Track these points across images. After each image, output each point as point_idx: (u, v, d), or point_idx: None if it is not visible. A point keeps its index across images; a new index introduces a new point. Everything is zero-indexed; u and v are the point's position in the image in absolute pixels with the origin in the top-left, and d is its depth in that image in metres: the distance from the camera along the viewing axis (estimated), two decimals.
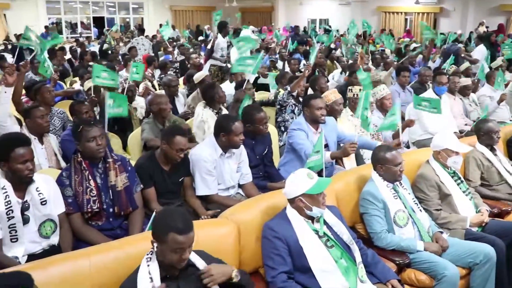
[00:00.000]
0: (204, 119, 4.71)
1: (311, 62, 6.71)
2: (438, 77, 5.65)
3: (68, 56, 10.95)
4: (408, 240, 3.13)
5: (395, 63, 8.32)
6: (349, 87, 5.06)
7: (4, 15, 18.26)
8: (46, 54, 6.59)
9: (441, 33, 10.55)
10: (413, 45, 11.72)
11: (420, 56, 10.00)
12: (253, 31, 14.37)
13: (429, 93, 5.65)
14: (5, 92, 3.85)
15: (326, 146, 4.10)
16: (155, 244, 2.19)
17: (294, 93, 5.34)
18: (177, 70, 8.64)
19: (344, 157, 3.86)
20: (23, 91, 5.19)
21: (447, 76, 5.97)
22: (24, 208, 2.80)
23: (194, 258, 2.30)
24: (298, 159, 4.11)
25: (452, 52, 9.01)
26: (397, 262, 3.04)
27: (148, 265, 2.22)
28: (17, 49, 6.85)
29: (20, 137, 3.01)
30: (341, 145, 4.37)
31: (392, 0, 21.45)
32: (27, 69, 4.93)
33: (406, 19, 21.65)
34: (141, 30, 12.48)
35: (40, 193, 2.86)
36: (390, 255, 3.09)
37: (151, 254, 2.25)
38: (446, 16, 20.39)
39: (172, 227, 2.15)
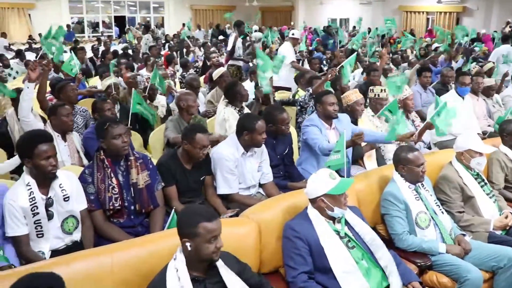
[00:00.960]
0: (226, 117, 4.71)
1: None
2: (460, 78, 5.56)
3: (90, 54, 11.09)
4: (430, 242, 3.10)
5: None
6: (371, 87, 5.01)
7: (29, 15, 18.59)
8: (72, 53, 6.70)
9: (465, 34, 10.34)
10: (435, 44, 11.52)
11: (443, 56, 9.86)
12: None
13: (451, 94, 5.56)
14: (28, 87, 3.93)
15: None
16: (188, 244, 2.19)
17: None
18: (198, 70, 8.69)
19: (351, 146, 3.83)
20: (48, 89, 5.26)
21: (470, 76, 5.86)
22: (48, 204, 2.85)
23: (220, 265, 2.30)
24: (314, 156, 4.14)
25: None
26: (419, 264, 3.02)
27: (176, 267, 2.22)
28: (41, 49, 6.95)
29: (43, 133, 3.06)
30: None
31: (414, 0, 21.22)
32: (49, 67, 5.00)
33: (428, 19, 21.38)
34: (146, 27, 12.65)
35: (63, 190, 2.90)
36: (411, 257, 3.06)
37: (179, 254, 2.25)
38: (469, 15, 20.04)
39: (200, 217, 2.18)
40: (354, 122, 4.46)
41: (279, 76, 7.33)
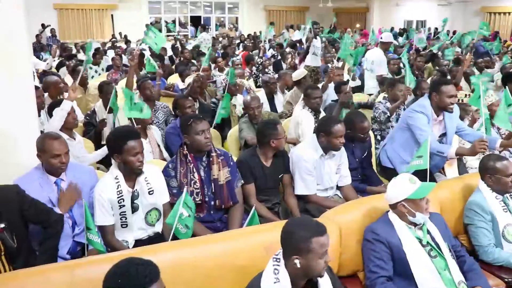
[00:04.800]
0: (299, 121, 4.71)
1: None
2: None
3: (169, 53, 11.47)
4: None
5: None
6: None
7: (111, 15, 19.56)
8: (148, 54, 6.99)
9: None
10: None
11: None
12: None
13: None
14: (64, 107, 3.88)
15: (444, 134, 3.95)
16: (298, 261, 2.07)
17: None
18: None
19: (472, 155, 3.64)
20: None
21: None
22: (134, 197, 2.99)
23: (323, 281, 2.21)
24: (414, 141, 3.92)
25: None
26: (506, 280, 2.88)
27: (277, 278, 2.10)
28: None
29: (132, 130, 3.21)
30: (461, 142, 4.21)
31: (498, 0, 20.08)
32: (135, 62, 5.23)
33: None
34: (203, 27, 13.00)
35: (148, 183, 3.03)
36: (497, 271, 2.93)
37: (278, 266, 2.13)
38: None
39: (312, 231, 2.10)
40: None
41: (367, 85, 7.27)
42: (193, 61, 8.66)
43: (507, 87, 3.92)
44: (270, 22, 15.92)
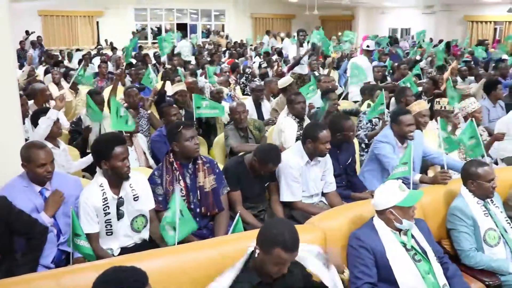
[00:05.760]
0: (282, 128, 4.74)
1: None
2: None
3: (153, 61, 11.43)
4: (499, 260, 3.00)
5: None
6: (437, 99, 4.91)
7: (97, 22, 19.49)
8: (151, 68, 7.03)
9: None
10: (505, 56, 11.01)
11: None
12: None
13: None
14: (50, 116, 3.90)
15: None
16: (257, 251, 2.20)
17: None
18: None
19: (433, 184, 3.68)
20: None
21: None
22: (119, 203, 2.99)
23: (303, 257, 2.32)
24: (381, 171, 4.08)
25: None
26: (487, 283, 2.93)
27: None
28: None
29: (118, 135, 3.23)
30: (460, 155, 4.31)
31: (481, 9, 20.33)
32: (122, 76, 5.29)
33: (495, 29, 20.51)
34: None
35: (133, 189, 3.04)
36: (479, 275, 2.98)
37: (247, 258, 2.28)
38: None
39: (280, 242, 2.14)
40: None
41: (352, 92, 7.32)
42: (178, 68, 8.64)
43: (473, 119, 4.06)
44: (266, 31, 15.97)
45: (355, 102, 6.95)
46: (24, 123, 4.34)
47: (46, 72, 8.89)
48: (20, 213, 2.70)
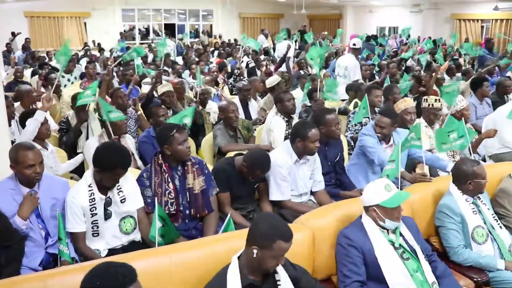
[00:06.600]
0: (271, 127, 4.74)
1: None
2: None
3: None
4: (487, 257, 3.02)
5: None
6: (424, 97, 4.93)
7: (85, 23, 19.34)
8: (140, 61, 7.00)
9: None
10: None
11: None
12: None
13: (510, 106, 5.38)
14: (38, 117, 3.86)
15: None
16: (255, 251, 2.20)
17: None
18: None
19: (411, 183, 3.68)
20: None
21: None
22: (107, 203, 2.98)
23: (280, 270, 2.34)
24: (368, 164, 4.12)
25: None
26: (475, 279, 2.95)
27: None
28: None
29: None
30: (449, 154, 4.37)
31: (468, 7, 20.49)
32: (110, 77, 5.28)
33: (482, 27, 20.65)
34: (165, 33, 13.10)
35: (120, 191, 3.03)
36: (467, 272, 3.00)
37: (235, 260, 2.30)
38: None
39: (279, 234, 2.20)
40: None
41: (340, 91, 7.29)
42: (166, 68, 8.62)
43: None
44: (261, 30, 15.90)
45: (343, 100, 6.96)
46: (10, 125, 4.30)
47: (33, 74, 8.80)
48: (2, 217, 2.66)
